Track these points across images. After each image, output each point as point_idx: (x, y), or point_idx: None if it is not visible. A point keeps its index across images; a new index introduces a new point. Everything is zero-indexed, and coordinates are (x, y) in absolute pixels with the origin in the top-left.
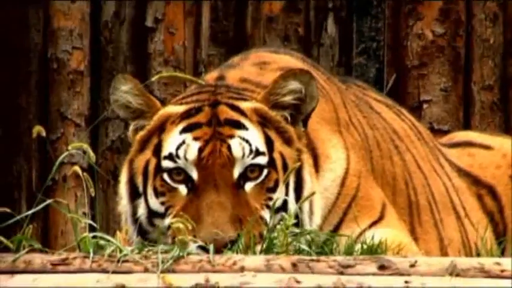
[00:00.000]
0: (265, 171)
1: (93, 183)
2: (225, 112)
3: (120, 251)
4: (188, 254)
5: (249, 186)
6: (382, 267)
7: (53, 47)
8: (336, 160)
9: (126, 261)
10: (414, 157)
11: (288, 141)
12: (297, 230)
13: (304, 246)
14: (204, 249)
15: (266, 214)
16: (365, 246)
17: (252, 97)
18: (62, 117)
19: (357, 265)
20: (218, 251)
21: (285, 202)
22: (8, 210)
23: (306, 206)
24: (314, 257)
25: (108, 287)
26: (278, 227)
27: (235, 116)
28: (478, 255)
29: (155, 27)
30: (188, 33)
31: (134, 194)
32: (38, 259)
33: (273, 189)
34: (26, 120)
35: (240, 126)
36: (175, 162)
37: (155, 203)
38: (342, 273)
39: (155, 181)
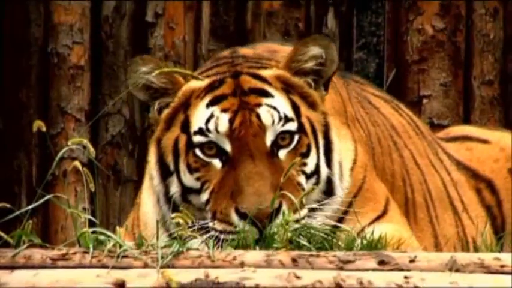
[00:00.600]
0: (296, 137)
1: (93, 178)
2: (248, 81)
3: (120, 246)
4: (188, 249)
5: (282, 153)
6: (381, 263)
7: (53, 41)
8: (344, 150)
9: (126, 256)
10: (412, 153)
11: (312, 106)
12: (296, 225)
13: (304, 242)
14: (245, 218)
15: (302, 179)
16: (365, 242)
17: (271, 65)
18: (62, 112)
19: (357, 260)
20: (262, 221)
21: (317, 166)
22: (7, 205)
23: (336, 168)
24: (314, 252)
25: (108, 282)
26: (278, 221)
27: (259, 84)
28: (476, 249)
29: (155, 22)
30: (188, 28)
31: (166, 173)
32: (38, 254)
33: (306, 154)
34: (26, 115)
35: (266, 94)
36: (206, 136)
37: (190, 179)
38: (341, 269)
39: (188, 157)
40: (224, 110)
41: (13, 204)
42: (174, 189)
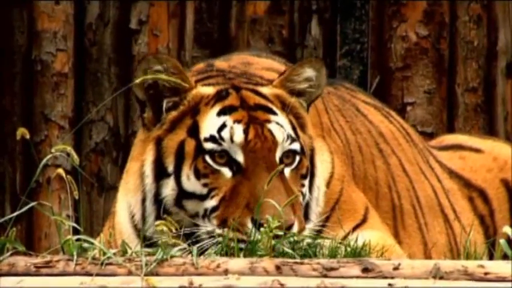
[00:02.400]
0: (297, 158)
1: (77, 185)
2: (252, 97)
3: (104, 253)
4: (172, 256)
5: (286, 171)
6: (365, 270)
7: (37, 48)
8: (322, 162)
9: (110, 263)
10: (400, 160)
11: (303, 128)
12: (280, 233)
13: (288, 249)
14: (260, 229)
15: (301, 200)
16: (349, 249)
17: (264, 82)
18: (46, 119)
19: (341, 268)
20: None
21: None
22: None
23: (315, 192)
24: (298, 260)
25: None
26: (262, 229)
27: (262, 101)
28: (467, 258)
29: (139, 29)
30: (172, 35)
31: (161, 174)
32: (22, 262)
33: (305, 176)
34: (10, 122)
35: (271, 111)
36: (219, 144)
37: (194, 184)
38: (325, 276)
39: (197, 162)
40: (237, 121)
41: None
42: (168, 191)
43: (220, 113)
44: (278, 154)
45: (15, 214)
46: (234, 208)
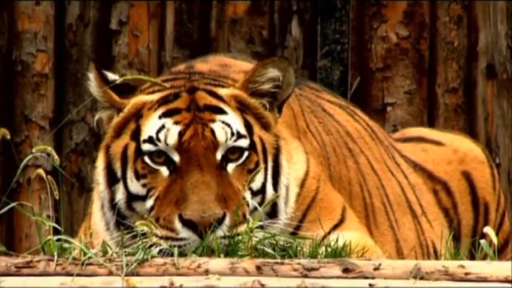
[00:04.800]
0: (246, 153)
1: (57, 186)
2: (204, 98)
3: (85, 253)
4: (152, 257)
5: (231, 167)
6: (346, 270)
7: (17, 49)
8: (297, 162)
9: (91, 264)
10: (368, 159)
11: (266, 127)
12: (261, 233)
13: (268, 249)
14: (190, 226)
15: (248, 195)
16: (329, 249)
17: (229, 83)
18: (26, 120)
19: (321, 268)
20: (205, 228)
21: (264, 185)
22: None
23: (282, 191)
24: (278, 260)
25: None
26: (242, 229)
27: (214, 101)
28: (435, 253)
29: (119, 29)
30: (152, 35)
31: (112, 180)
32: (3, 262)
33: (254, 171)
34: None
35: (220, 111)
36: (155, 145)
37: (136, 186)
38: (306, 276)
39: (136, 164)
40: (176, 123)
41: None
42: (120, 196)
43: (162, 115)
44: (220, 152)
45: None
46: (165, 206)
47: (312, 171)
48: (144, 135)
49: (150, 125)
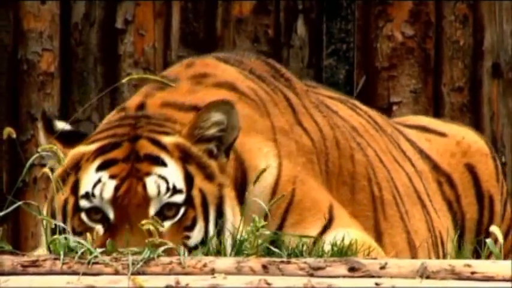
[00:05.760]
0: (182, 210)
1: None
2: (145, 147)
3: (91, 252)
4: (159, 256)
5: (166, 224)
6: (352, 269)
7: (22, 48)
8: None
9: (97, 263)
10: (376, 151)
11: (209, 177)
12: (267, 232)
13: (274, 248)
14: None
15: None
16: (335, 248)
17: (174, 129)
18: (32, 119)
19: (327, 267)
20: None
21: (204, 239)
22: None
23: (228, 239)
24: (284, 259)
25: None
26: (248, 228)
27: (155, 151)
28: (442, 244)
29: (125, 28)
30: (158, 34)
31: (54, 233)
32: (9, 261)
33: (191, 228)
34: None
35: (159, 162)
36: (91, 201)
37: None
38: (312, 275)
39: (73, 220)
40: (112, 176)
41: None
42: None
43: (99, 168)
44: (154, 208)
45: (1, 214)
46: None
47: (285, 174)
48: (82, 191)
49: (87, 179)
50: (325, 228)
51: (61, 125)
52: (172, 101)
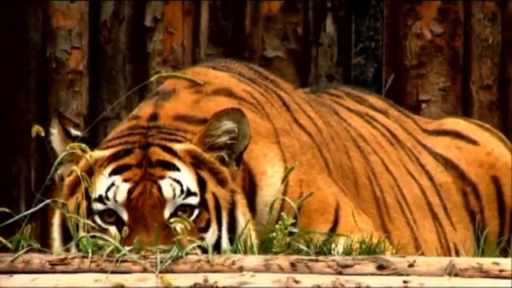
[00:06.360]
0: (196, 211)
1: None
2: (157, 153)
3: (119, 250)
4: (187, 254)
5: (180, 226)
6: (380, 267)
7: (51, 46)
8: (272, 174)
9: (125, 261)
10: (382, 160)
11: (221, 183)
12: (295, 230)
13: (302, 246)
14: None
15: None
16: (364, 246)
17: (185, 138)
18: (60, 117)
19: (356, 265)
20: None
21: (218, 242)
22: (7, 210)
23: (240, 246)
24: (313, 257)
25: (107, 287)
26: (277, 226)
27: (167, 157)
28: (457, 256)
29: (154, 26)
30: (187, 33)
31: (67, 237)
32: (37, 259)
33: (205, 229)
34: (25, 120)
35: (172, 167)
36: (104, 204)
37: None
38: (340, 273)
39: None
40: (126, 180)
41: (12, 209)
42: None
43: (112, 172)
44: (168, 210)
45: (30, 211)
46: None
47: (292, 178)
48: (95, 194)
49: (101, 183)
50: (333, 228)
51: (75, 132)
52: (183, 114)
